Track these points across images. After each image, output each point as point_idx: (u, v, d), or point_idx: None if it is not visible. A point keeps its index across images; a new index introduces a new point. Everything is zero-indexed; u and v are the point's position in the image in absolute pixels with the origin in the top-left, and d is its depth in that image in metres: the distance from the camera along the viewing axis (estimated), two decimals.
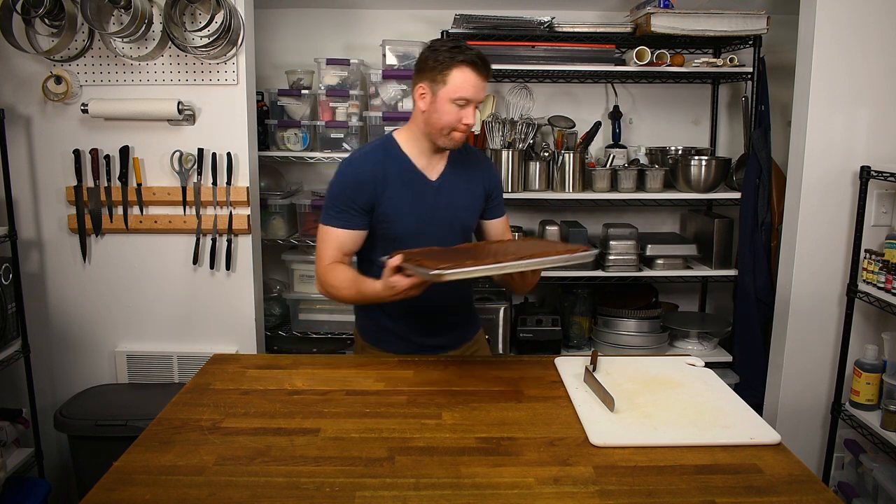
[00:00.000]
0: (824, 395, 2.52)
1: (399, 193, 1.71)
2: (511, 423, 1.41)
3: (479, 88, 1.64)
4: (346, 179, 1.71)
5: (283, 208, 2.80)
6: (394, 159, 1.73)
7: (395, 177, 1.72)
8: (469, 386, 1.60)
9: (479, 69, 1.63)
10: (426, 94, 1.67)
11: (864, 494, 2.36)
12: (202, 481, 1.19)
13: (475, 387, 1.59)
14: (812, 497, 1.16)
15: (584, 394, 1.52)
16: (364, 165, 1.72)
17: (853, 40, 2.32)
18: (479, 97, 1.66)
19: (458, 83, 1.62)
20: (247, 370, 1.67)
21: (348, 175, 1.71)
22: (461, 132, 1.68)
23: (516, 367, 1.71)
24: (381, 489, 1.16)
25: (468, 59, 1.62)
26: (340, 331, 2.88)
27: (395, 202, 1.71)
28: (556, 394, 1.55)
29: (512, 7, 2.78)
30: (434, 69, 1.64)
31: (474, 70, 1.63)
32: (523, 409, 1.47)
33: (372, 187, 1.69)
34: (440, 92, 1.64)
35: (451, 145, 1.71)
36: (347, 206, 1.70)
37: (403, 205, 1.72)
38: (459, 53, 1.62)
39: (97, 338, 2.47)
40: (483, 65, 1.64)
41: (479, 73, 1.63)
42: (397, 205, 1.71)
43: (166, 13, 2.20)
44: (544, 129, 2.97)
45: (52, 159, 2.37)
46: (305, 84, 2.81)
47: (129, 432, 2.06)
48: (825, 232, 2.43)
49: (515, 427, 1.39)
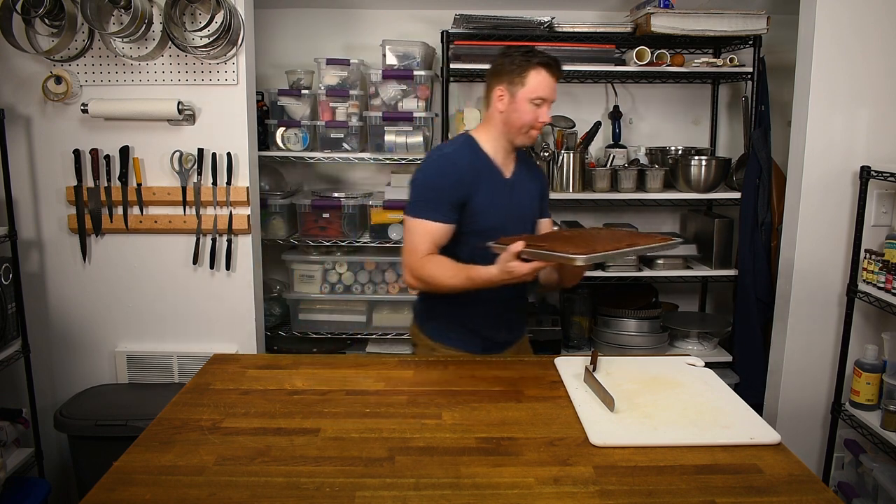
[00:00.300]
0: (824, 395, 2.52)
1: (487, 189, 1.80)
2: (511, 423, 1.41)
3: (553, 88, 1.77)
4: (444, 174, 1.78)
5: (283, 208, 2.80)
6: (479, 157, 1.82)
7: (483, 173, 1.80)
8: (469, 386, 1.60)
9: (552, 70, 1.76)
10: (504, 96, 1.78)
11: (864, 494, 2.36)
12: (202, 481, 1.19)
13: (475, 387, 1.59)
14: (812, 497, 1.16)
15: (584, 394, 1.52)
16: (460, 161, 1.79)
17: (853, 40, 2.32)
18: (552, 97, 1.78)
19: (535, 84, 1.74)
20: (247, 370, 1.67)
21: (446, 170, 1.78)
22: (538, 129, 1.80)
23: (516, 367, 1.71)
24: (381, 489, 1.17)
25: (543, 62, 1.74)
26: (340, 331, 2.88)
27: (484, 198, 1.79)
28: (556, 394, 1.55)
29: (512, 7, 2.78)
30: (511, 72, 1.76)
31: (549, 71, 1.75)
32: (523, 409, 1.48)
33: (469, 182, 1.77)
34: (518, 93, 1.76)
35: (529, 142, 1.83)
36: (444, 200, 1.75)
37: (490, 200, 1.80)
38: (534, 57, 1.75)
39: (97, 338, 2.47)
40: (556, 66, 1.76)
41: (552, 73, 1.76)
42: (486, 200, 1.79)
43: (166, 13, 2.20)
44: (544, 129, 2.97)
45: (52, 159, 2.37)
46: (305, 84, 2.81)
47: (129, 432, 2.06)
48: (825, 232, 2.43)
49: (515, 427, 1.39)
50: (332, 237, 2.80)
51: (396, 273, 2.84)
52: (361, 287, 2.85)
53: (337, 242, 2.80)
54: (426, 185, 1.78)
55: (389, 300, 2.86)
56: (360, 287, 2.85)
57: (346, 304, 2.86)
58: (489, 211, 1.79)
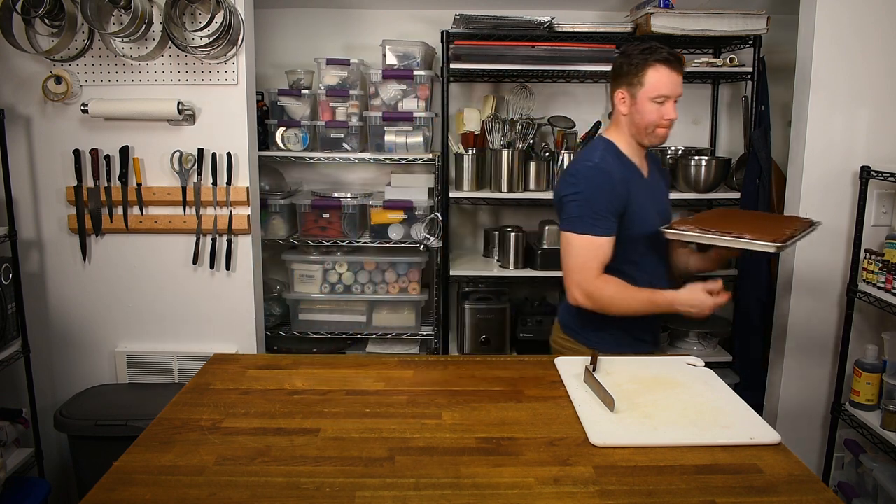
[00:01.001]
0: (824, 395, 2.52)
1: (639, 193, 1.78)
2: (511, 423, 1.41)
3: (675, 84, 1.73)
4: (601, 185, 1.73)
5: (283, 208, 2.80)
6: (623, 162, 1.81)
7: (632, 179, 1.79)
8: (469, 386, 1.60)
9: (671, 65, 1.72)
10: (626, 98, 1.77)
11: (864, 494, 2.36)
12: (202, 481, 1.19)
13: (475, 387, 1.59)
14: (812, 497, 1.16)
15: (583, 394, 1.52)
16: (613, 170, 1.76)
17: (853, 40, 2.32)
18: (676, 92, 1.73)
19: (654, 82, 1.72)
20: (247, 370, 1.67)
21: (601, 181, 1.73)
22: (665, 128, 1.77)
23: (516, 367, 1.71)
24: (381, 489, 1.16)
25: (660, 59, 1.71)
26: (340, 331, 2.88)
27: (639, 202, 1.77)
28: (556, 394, 1.55)
29: (512, 7, 2.78)
30: (630, 73, 1.74)
31: (668, 66, 1.71)
32: (523, 409, 1.47)
33: (624, 190, 1.74)
34: (639, 93, 1.74)
35: (658, 141, 1.80)
36: (606, 213, 1.72)
37: (642, 204, 1.78)
38: (651, 54, 1.71)
39: (97, 338, 2.47)
40: (675, 60, 1.72)
41: (672, 68, 1.72)
42: (641, 204, 1.78)
43: (166, 13, 2.20)
44: (544, 129, 2.97)
45: (52, 159, 2.37)
46: (305, 84, 2.81)
47: (129, 432, 2.06)
48: (825, 232, 2.43)
49: (515, 427, 1.39)
50: (332, 237, 2.80)
51: (396, 273, 2.84)
52: (361, 287, 2.85)
53: (337, 242, 2.80)
54: (585, 197, 1.72)
55: (389, 300, 2.86)
56: (360, 287, 2.85)
57: (346, 304, 2.86)
58: (642, 215, 1.78)
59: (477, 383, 1.61)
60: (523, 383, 1.60)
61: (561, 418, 1.42)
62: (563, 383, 1.59)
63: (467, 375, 1.66)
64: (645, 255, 1.82)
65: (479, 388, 1.58)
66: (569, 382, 1.58)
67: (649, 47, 1.73)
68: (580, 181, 1.74)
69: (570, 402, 1.49)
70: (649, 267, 1.84)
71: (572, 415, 1.43)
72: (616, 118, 1.83)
